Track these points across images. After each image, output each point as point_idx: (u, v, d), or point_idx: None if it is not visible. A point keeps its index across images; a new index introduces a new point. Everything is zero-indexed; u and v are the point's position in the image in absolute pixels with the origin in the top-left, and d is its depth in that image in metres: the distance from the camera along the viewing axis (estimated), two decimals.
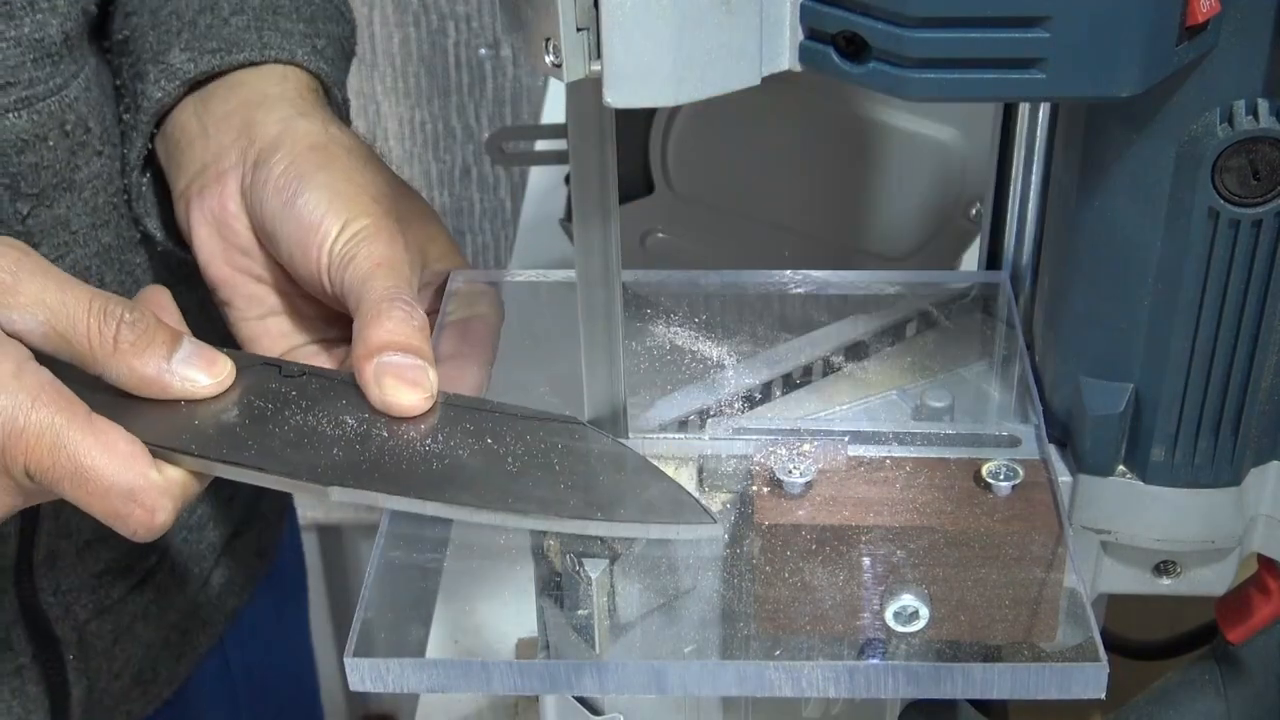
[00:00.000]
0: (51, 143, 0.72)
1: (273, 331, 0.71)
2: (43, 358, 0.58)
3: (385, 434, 0.59)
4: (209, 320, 0.72)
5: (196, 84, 0.74)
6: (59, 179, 0.73)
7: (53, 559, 0.80)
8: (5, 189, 0.71)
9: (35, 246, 0.71)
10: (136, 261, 0.80)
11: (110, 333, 0.58)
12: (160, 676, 0.91)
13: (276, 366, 0.62)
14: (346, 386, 0.61)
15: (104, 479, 0.56)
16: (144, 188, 0.76)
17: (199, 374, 0.60)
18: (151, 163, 0.76)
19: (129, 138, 0.75)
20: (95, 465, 0.56)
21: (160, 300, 0.64)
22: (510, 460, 0.58)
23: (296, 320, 0.72)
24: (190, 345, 0.60)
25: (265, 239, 0.69)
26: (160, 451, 0.58)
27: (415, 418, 0.60)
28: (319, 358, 0.71)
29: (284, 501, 1.03)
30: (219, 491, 0.92)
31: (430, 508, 0.56)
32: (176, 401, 0.60)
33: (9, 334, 0.58)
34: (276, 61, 0.74)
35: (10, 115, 0.70)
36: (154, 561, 0.87)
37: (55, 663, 0.82)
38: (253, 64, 0.74)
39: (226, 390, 0.61)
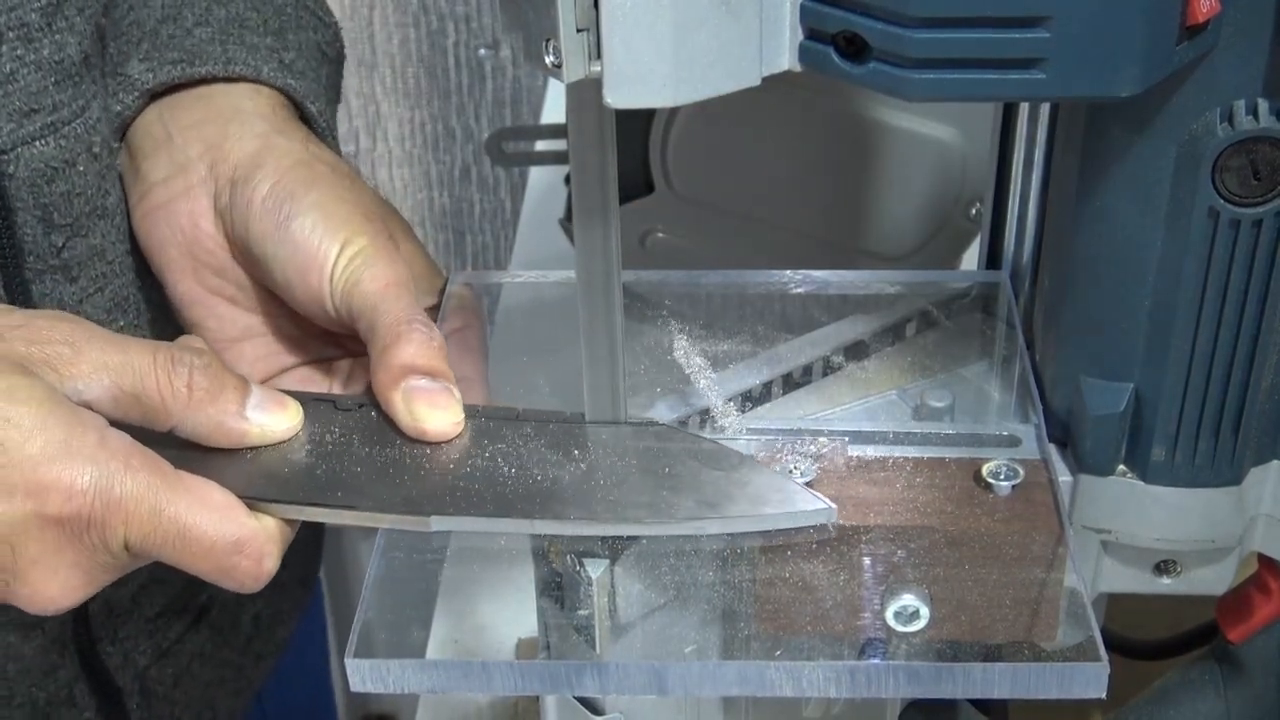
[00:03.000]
0: (81, 168, 0.69)
1: (249, 356, 0.69)
2: (113, 423, 0.56)
3: (466, 456, 0.58)
4: None
5: (159, 94, 0.72)
6: (91, 206, 0.70)
7: (109, 607, 0.78)
8: (39, 221, 0.68)
9: (73, 280, 0.70)
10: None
11: (183, 382, 0.56)
12: (219, 716, 0.89)
13: (331, 402, 0.61)
14: None
15: (208, 536, 0.55)
16: None
17: (274, 419, 0.58)
18: None
19: None
20: (198, 523, 0.54)
21: (198, 348, 0.61)
22: (605, 469, 0.57)
23: (279, 342, 0.70)
24: (260, 390, 0.58)
25: (249, 260, 0.67)
26: (247, 504, 0.56)
27: (495, 436, 0.58)
28: (313, 380, 0.70)
29: (319, 528, 1.01)
30: None
31: (539, 526, 0.55)
32: (242, 452, 0.58)
33: (80, 404, 0.55)
34: (242, 78, 0.72)
35: (38, 143, 0.67)
36: (205, 599, 0.86)
37: (118, 714, 0.81)
38: (215, 79, 0.72)
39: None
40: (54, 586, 0.54)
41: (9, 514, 0.53)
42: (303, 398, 0.61)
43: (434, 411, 0.59)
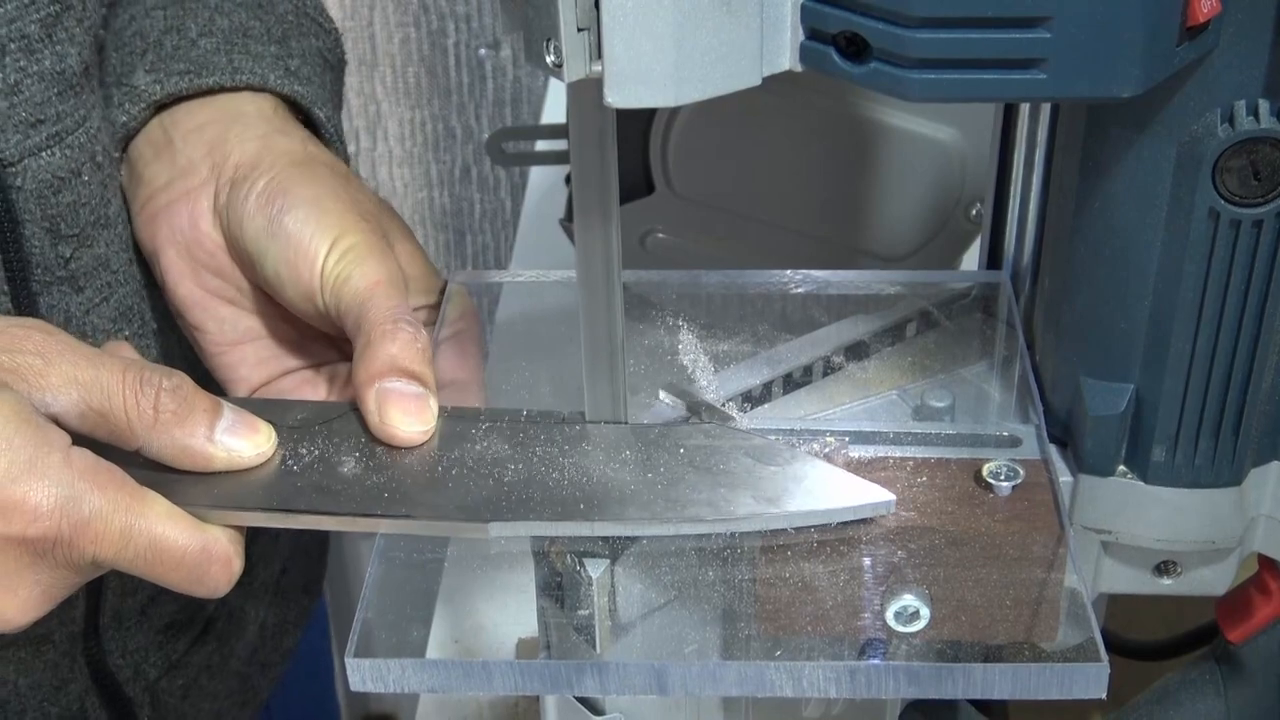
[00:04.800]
0: (85, 177, 0.69)
1: (250, 359, 0.69)
2: (78, 439, 0.55)
3: (519, 463, 0.57)
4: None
5: (162, 105, 0.72)
6: (96, 216, 0.70)
7: (119, 619, 0.78)
8: (46, 233, 0.68)
9: (80, 291, 0.70)
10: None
11: (149, 403, 0.55)
12: None
13: None
14: (452, 421, 0.59)
15: (178, 546, 0.54)
16: None
17: (243, 443, 0.57)
18: None
19: None
20: (168, 535, 0.54)
21: (125, 354, 0.60)
22: (658, 468, 0.57)
23: (278, 345, 0.70)
24: (232, 413, 0.57)
25: (244, 259, 0.67)
26: (292, 515, 0.56)
27: (547, 436, 0.58)
28: (313, 383, 0.69)
29: (323, 534, 1.01)
30: (264, 529, 0.89)
31: (600, 528, 0.55)
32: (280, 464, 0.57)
33: (47, 417, 0.54)
34: (249, 88, 0.72)
35: (44, 154, 0.67)
36: (212, 609, 0.86)
37: None
38: (222, 89, 0.71)
39: (332, 440, 0.58)
40: (12, 607, 0.54)
41: None
42: (340, 407, 0.61)
43: (404, 417, 0.58)
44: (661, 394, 0.62)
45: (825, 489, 0.56)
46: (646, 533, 0.55)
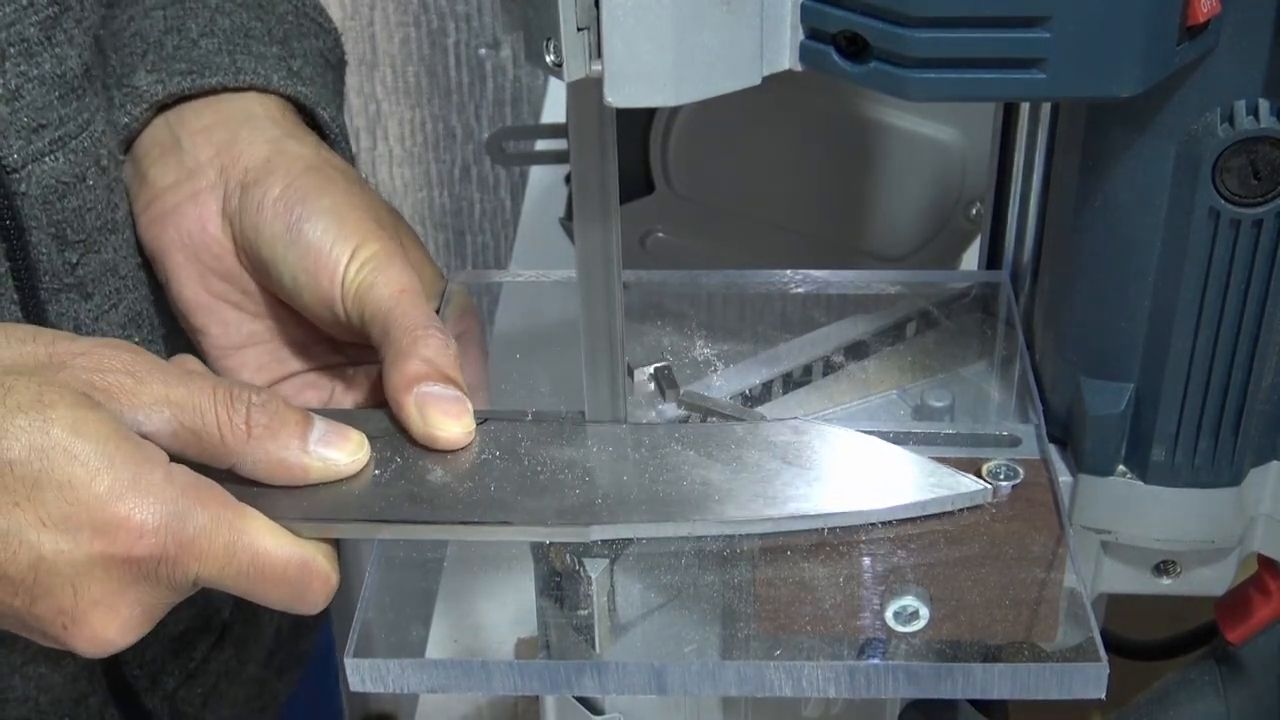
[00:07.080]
0: (90, 182, 0.68)
1: (253, 363, 0.69)
2: (171, 458, 0.54)
3: (609, 464, 0.57)
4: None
5: (166, 105, 0.71)
6: (102, 221, 0.69)
7: None
8: (52, 239, 0.67)
9: (88, 298, 0.69)
10: None
11: (241, 419, 0.55)
12: None
13: None
14: (534, 426, 0.59)
15: (279, 562, 0.54)
16: None
17: (337, 453, 0.57)
18: None
19: None
20: (269, 550, 0.54)
21: (192, 368, 0.60)
22: (750, 466, 0.56)
23: (281, 348, 0.69)
24: (323, 423, 0.57)
25: (258, 265, 0.67)
26: (388, 525, 0.55)
27: (633, 437, 0.58)
28: (316, 386, 0.69)
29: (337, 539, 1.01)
30: None
31: (700, 527, 0.55)
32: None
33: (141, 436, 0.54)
34: (251, 88, 0.71)
35: (48, 159, 0.66)
36: (228, 615, 0.85)
37: None
38: (225, 89, 0.71)
39: (415, 449, 0.58)
40: (113, 628, 0.54)
41: (74, 554, 0.52)
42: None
43: (446, 420, 0.58)
44: (672, 406, 0.62)
45: (920, 481, 0.56)
46: (751, 530, 0.55)
